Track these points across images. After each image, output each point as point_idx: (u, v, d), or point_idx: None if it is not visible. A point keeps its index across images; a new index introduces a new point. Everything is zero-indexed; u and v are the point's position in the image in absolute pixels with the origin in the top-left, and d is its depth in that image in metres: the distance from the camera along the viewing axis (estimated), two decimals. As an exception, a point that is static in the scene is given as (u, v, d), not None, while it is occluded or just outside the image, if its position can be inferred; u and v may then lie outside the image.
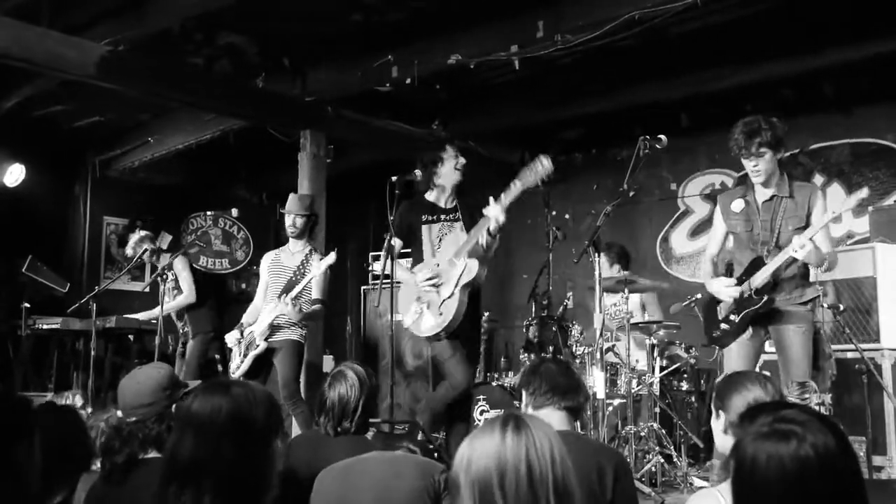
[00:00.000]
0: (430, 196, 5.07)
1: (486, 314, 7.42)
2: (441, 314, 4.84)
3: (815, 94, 7.06)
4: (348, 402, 3.18)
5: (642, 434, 5.44)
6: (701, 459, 5.83)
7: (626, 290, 5.75)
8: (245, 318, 5.76)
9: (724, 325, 4.42)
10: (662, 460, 5.29)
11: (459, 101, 7.47)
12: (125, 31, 6.04)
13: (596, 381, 5.14)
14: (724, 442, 2.66)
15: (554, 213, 8.85)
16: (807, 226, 4.23)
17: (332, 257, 5.42)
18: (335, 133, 7.36)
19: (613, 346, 6.10)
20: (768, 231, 4.32)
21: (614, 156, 8.28)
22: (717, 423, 2.71)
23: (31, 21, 5.72)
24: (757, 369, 5.07)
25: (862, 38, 5.99)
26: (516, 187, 4.57)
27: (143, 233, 7.21)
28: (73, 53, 5.92)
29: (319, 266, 5.42)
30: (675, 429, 5.83)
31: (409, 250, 5.15)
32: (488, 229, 4.68)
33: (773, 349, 5.26)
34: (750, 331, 4.35)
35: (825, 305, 5.12)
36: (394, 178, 4.89)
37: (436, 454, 3.47)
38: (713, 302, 4.52)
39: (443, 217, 5.03)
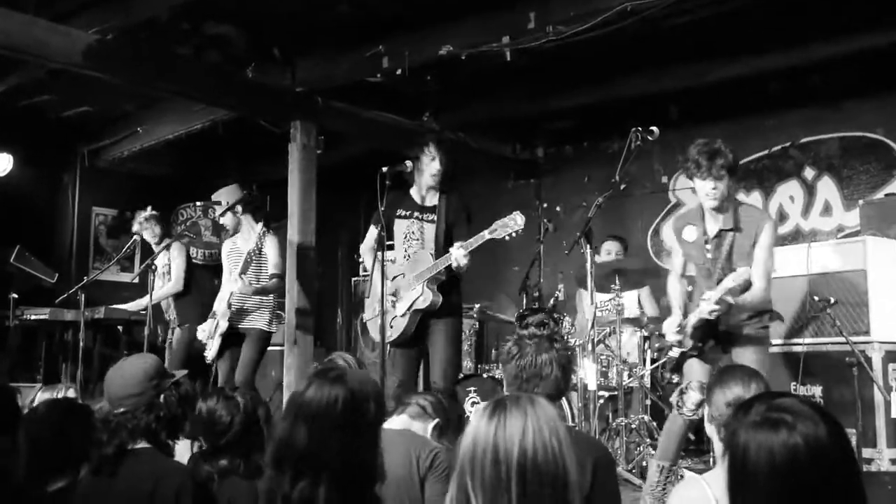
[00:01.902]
0: (413, 190, 5.08)
1: (477, 305, 7.42)
2: (391, 327, 4.90)
3: (806, 88, 7.06)
4: None
5: (633, 426, 5.45)
6: (691, 451, 5.84)
7: (618, 282, 5.76)
8: (216, 307, 5.98)
9: (671, 353, 4.46)
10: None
11: (450, 93, 7.43)
12: (113, 20, 5.97)
13: (587, 372, 5.14)
14: (708, 431, 2.77)
15: (545, 205, 8.84)
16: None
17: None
18: (325, 124, 7.31)
19: (605, 338, 6.09)
20: (718, 269, 4.26)
21: (605, 148, 8.27)
22: (706, 412, 2.79)
23: (16, 8, 5.66)
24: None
25: (852, 32, 6.00)
26: (484, 237, 4.61)
27: (154, 212, 7.11)
28: (60, 41, 5.85)
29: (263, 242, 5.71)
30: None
31: (392, 242, 5.16)
32: (448, 266, 4.72)
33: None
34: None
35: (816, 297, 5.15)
36: (384, 169, 4.89)
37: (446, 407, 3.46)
38: None
39: (416, 214, 5.04)
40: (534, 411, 1.73)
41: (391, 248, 5.18)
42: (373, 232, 5.14)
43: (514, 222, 4.47)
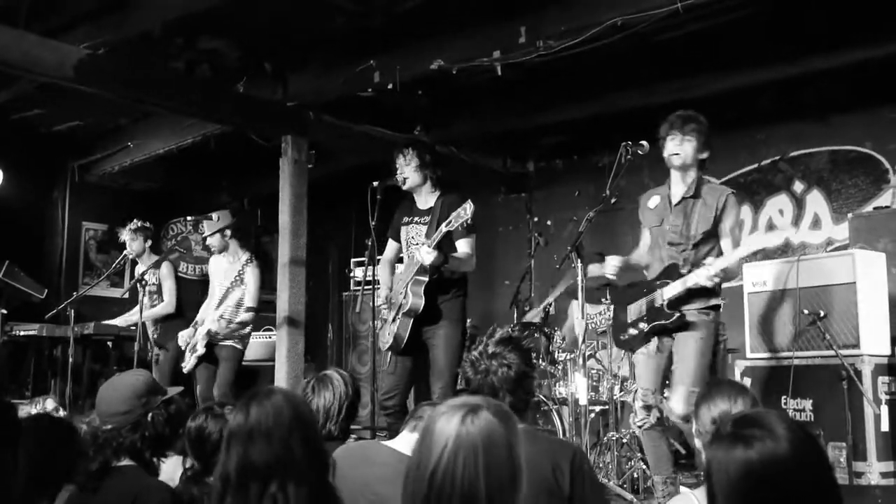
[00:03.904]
0: (417, 196, 5.08)
1: (469, 321, 7.40)
2: (388, 334, 4.90)
3: (795, 102, 7.10)
4: (332, 406, 3.17)
5: (624, 441, 5.44)
6: (682, 466, 5.83)
7: (609, 295, 5.76)
8: (199, 316, 6.34)
9: (632, 331, 4.45)
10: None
11: (441, 107, 7.46)
12: (104, 34, 5.98)
13: (578, 387, 5.14)
14: (697, 444, 2.79)
15: (535, 219, 8.86)
16: (714, 229, 4.25)
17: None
18: (317, 138, 7.31)
19: (595, 352, 6.09)
20: (678, 234, 4.32)
21: (596, 162, 8.28)
22: (693, 427, 2.79)
23: (7, 23, 5.65)
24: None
25: (840, 46, 6.04)
26: (442, 231, 4.64)
27: (146, 225, 7.07)
28: (51, 56, 5.85)
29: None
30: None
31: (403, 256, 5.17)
32: (434, 267, 4.71)
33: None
34: (655, 341, 4.35)
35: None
36: (375, 184, 4.90)
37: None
38: (622, 305, 4.58)
39: (416, 219, 5.05)
40: (477, 433, 1.61)
41: (401, 260, 5.22)
42: (391, 245, 5.19)
43: (465, 211, 4.56)
